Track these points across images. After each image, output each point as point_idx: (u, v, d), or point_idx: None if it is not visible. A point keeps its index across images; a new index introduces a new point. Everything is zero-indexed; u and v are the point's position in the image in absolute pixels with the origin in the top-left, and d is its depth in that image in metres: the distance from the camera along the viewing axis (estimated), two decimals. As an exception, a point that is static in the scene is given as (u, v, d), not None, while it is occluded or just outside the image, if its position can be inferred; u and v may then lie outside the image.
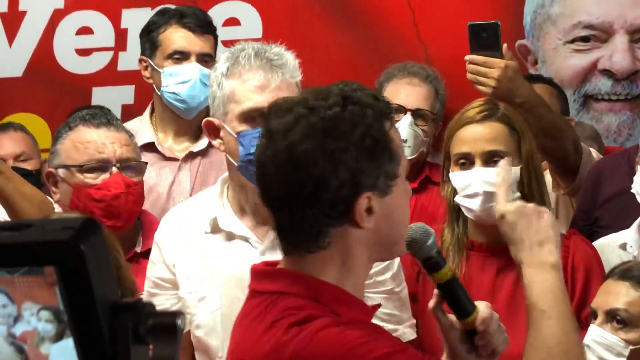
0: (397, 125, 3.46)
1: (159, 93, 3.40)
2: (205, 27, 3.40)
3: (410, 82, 3.50)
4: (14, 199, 2.76)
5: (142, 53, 3.46)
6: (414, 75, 3.53)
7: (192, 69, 3.34)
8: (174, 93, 3.36)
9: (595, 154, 3.28)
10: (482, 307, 1.80)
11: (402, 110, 3.45)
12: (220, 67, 2.37)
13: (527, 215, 1.84)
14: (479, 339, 1.80)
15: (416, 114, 3.47)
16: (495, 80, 2.77)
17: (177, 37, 3.38)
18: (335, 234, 1.62)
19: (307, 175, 1.59)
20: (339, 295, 1.63)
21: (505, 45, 2.83)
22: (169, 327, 0.93)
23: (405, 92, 3.48)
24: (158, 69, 3.38)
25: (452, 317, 1.81)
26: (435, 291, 1.81)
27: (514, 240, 1.85)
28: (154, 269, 2.48)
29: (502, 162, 1.96)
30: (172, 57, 3.37)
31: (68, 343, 0.92)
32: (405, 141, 3.27)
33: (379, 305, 1.75)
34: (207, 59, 3.37)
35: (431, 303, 1.81)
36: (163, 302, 2.44)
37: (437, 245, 1.77)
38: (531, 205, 1.88)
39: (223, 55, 2.42)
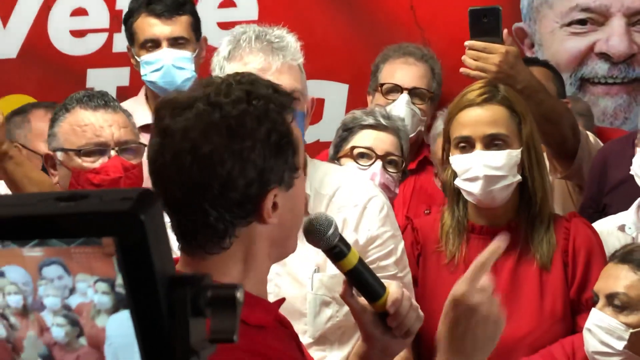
0: (394, 104, 3.48)
1: None
2: (174, 10, 3.37)
3: (405, 62, 3.50)
4: (23, 185, 2.74)
5: (128, 42, 3.48)
6: (410, 54, 3.52)
7: (162, 55, 3.35)
8: (151, 82, 3.39)
9: (592, 137, 3.28)
10: (393, 288, 1.76)
11: (398, 89, 3.45)
12: (222, 51, 2.36)
13: (477, 317, 1.60)
14: (391, 320, 1.75)
15: (413, 92, 3.46)
16: (496, 66, 2.75)
17: (146, 25, 3.38)
18: (240, 233, 1.57)
19: (214, 175, 1.52)
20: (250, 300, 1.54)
21: (505, 31, 2.81)
22: (228, 299, 0.92)
23: (401, 71, 3.48)
24: (137, 59, 3.40)
25: (364, 300, 1.78)
26: (343, 278, 1.77)
27: (450, 333, 1.61)
28: None
29: (498, 241, 1.71)
30: (145, 46, 3.38)
31: (124, 315, 0.91)
32: (403, 120, 3.26)
33: (283, 300, 1.71)
34: (181, 41, 3.37)
35: (341, 290, 1.77)
36: None
37: (339, 233, 1.72)
38: (488, 307, 1.62)
39: (225, 39, 2.41)
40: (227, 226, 1.55)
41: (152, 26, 3.36)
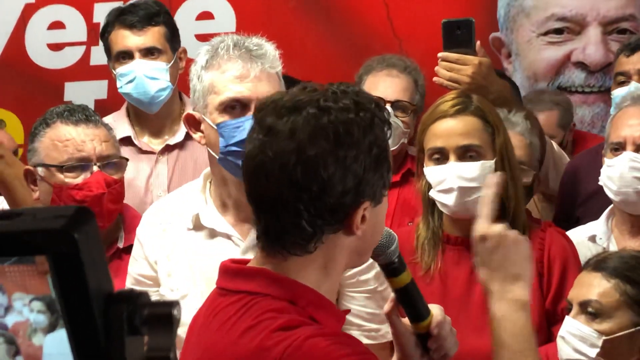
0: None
1: None
2: (145, 21, 3.37)
3: (389, 74, 3.49)
4: (14, 185, 2.73)
5: (106, 56, 3.49)
6: (393, 66, 3.52)
7: (135, 67, 3.35)
8: (126, 94, 3.39)
9: (556, 147, 3.29)
10: (436, 311, 1.81)
11: (381, 102, 3.44)
12: (200, 60, 2.36)
13: (507, 244, 1.77)
14: (432, 342, 1.80)
15: (395, 105, 3.46)
16: (469, 77, 2.78)
17: (119, 37, 3.38)
18: (326, 239, 1.59)
19: (315, 178, 1.54)
20: (317, 300, 1.60)
21: (478, 43, 2.83)
22: (164, 317, 0.92)
23: (384, 84, 3.47)
24: (114, 72, 3.40)
25: (406, 321, 1.81)
26: (392, 295, 1.80)
27: (488, 266, 1.79)
28: (136, 265, 2.45)
29: (492, 177, 1.84)
30: (119, 59, 3.39)
31: (62, 334, 0.91)
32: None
33: (348, 311, 1.74)
34: (153, 52, 3.37)
35: (387, 307, 1.81)
36: None
37: (399, 250, 1.76)
38: (513, 232, 1.80)
39: (203, 48, 2.41)
40: (316, 231, 1.58)
41: (124, 38, 3.37)
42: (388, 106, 3.43)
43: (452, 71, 2.78)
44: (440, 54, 2.81)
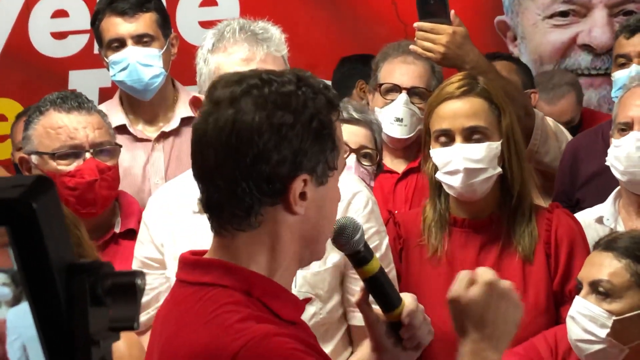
0: (392, 104, 3.47)
1: None
2: (137, 7, 3.34)
3: (404, 61, 3.46)
4: None
5: (97, 45, 3.47)
6: (409, 53, 3.48)
7: (128, 54, 3.32)
8: (120, 81, 3.37)
9: (552, 122, 3.25)
10: (408, 300, 1.77)
11: (397, 89, 3.42)
12: (206, 44, 2.37)
13: (498, 297, 1.63)
14: (405, 331, 1.77)
15: (411, 92, 3.42)
16: (443, 46, 2.81)
17: (110, 25, 3.35)
18: (266, 212, 1.57)
19: (250, 144, 1.54)
20: (271, 289, 1.59)
21: (452, 12, 2.84)
22: (128, 287, 0.90)
23: (399, 70, 3.44)
24: (106, 60, 3.38)
25: (378, 310, 1.78)
26: (361, 285, 1.78)
27: (471, 317, 1.62)
28: (142, 248, 2.46)
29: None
30: (111, 47, 3.36)
31: (26, 307, 0.89)
32: (402, 120, 3.26)
33: (308, 299, 1.72)
34: (146, 39, 3.34)
35: (357, 296, 1.78)
36: (151, 282, 2.42)
37: (364, 239, 1.73)
38: (507, 283, 1.66)
39: (209, 32, 2.41)
40: (254, 201, 1.56)
41: (116, 25, 3.34)
42: (404, 93, 3.41)
43: (427, 41, 2.79)
44: (415, 24, 2.84)
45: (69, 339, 0.88)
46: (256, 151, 1.54)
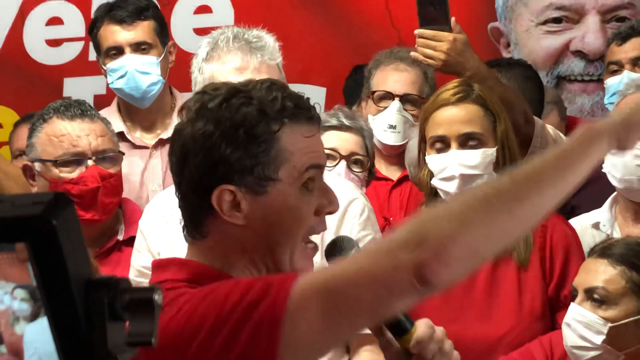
0: (386, 111, 3.48)
1: None
2: (135, 15, 3.36)
3: (396, 68, 3.46)
4: None
5: (95, 52, 3.48)
6: (401, 60, 3.49)
7: (126, 62, 3.33)
8: (118, 89, 3.38)
9: (551, 129, 3.27)
10: (421, 327, 1.61)
11: (389, 96, 3.43)
12: (201, 53, 2.38)
13: None
14: None
15: (404, 99, 3.43)
16: (444, 53, 2.80)
17: (108, 33, 3.37)
18: (210, 223, 1.57)
19: (185, 157, 1.57)
20: (220, 276, 1.55)
21: (453, 19, 2.85)
22: (145, 302, 0.91)
23: (392, 78, 3.45)
24: (104, 67, 3.39)
25: (390, 335, 1.66)
26: None
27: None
28: (139, 257, 2.46)
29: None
30: (110, 55, 3.37)
31: (44, 322, 0.90)
32: (395, 127, 3.27)
33: None
34: (144, 47, 3.36)
35: None
36: None
37: None
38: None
39: (204, 41, 2.42)
40: (195, 212, 1.57)
41: (114, 33, 3.35)
42: (396, 100, 3.41)
43: (428, 48, 2.80)
44: (416, 31, 2.84)
45: (87, 354, 0.89)
46: (189, 163, 1.56)
